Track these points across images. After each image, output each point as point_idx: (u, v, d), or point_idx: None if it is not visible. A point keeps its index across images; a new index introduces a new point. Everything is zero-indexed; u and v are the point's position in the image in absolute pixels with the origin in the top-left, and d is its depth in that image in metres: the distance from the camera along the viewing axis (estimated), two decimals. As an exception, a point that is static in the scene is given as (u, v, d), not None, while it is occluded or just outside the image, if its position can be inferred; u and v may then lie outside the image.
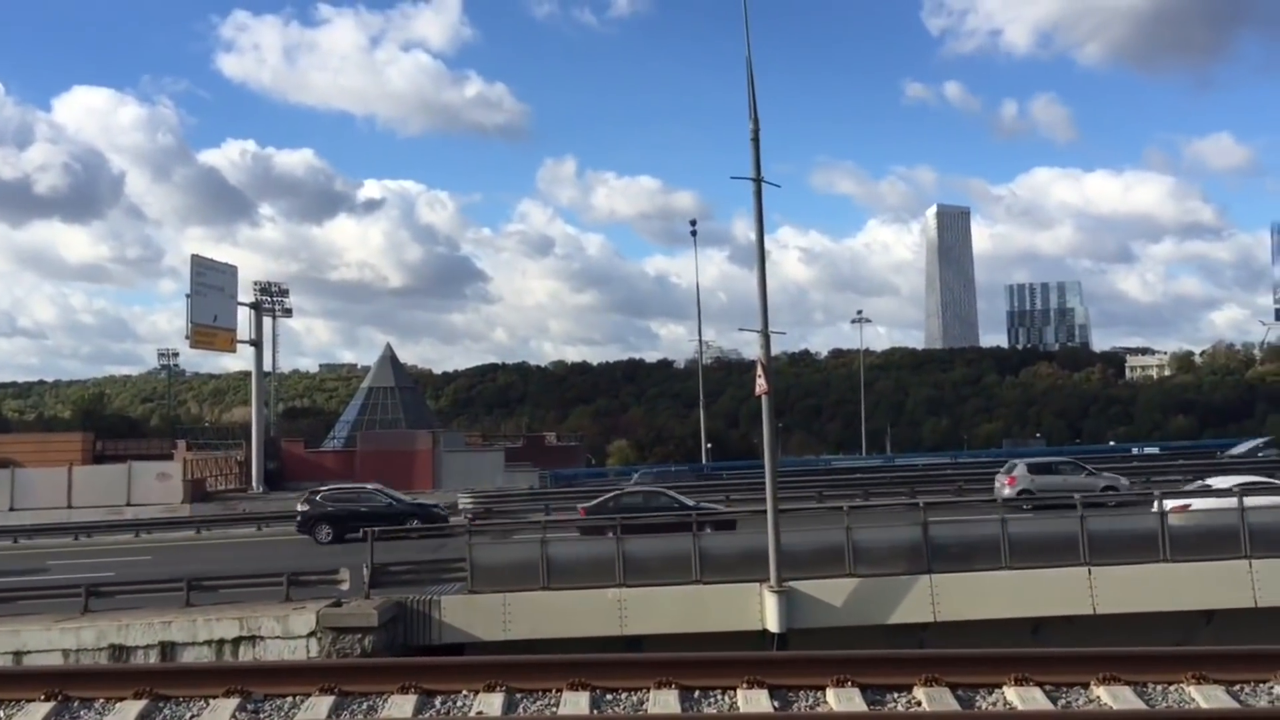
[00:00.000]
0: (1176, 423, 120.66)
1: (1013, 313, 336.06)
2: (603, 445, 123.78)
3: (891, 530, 25.91)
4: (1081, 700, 9.01)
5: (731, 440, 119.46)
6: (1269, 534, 23.65)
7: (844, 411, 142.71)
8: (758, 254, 25.03)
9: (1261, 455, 52.45)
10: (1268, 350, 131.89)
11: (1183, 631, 22.35)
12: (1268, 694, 9.18)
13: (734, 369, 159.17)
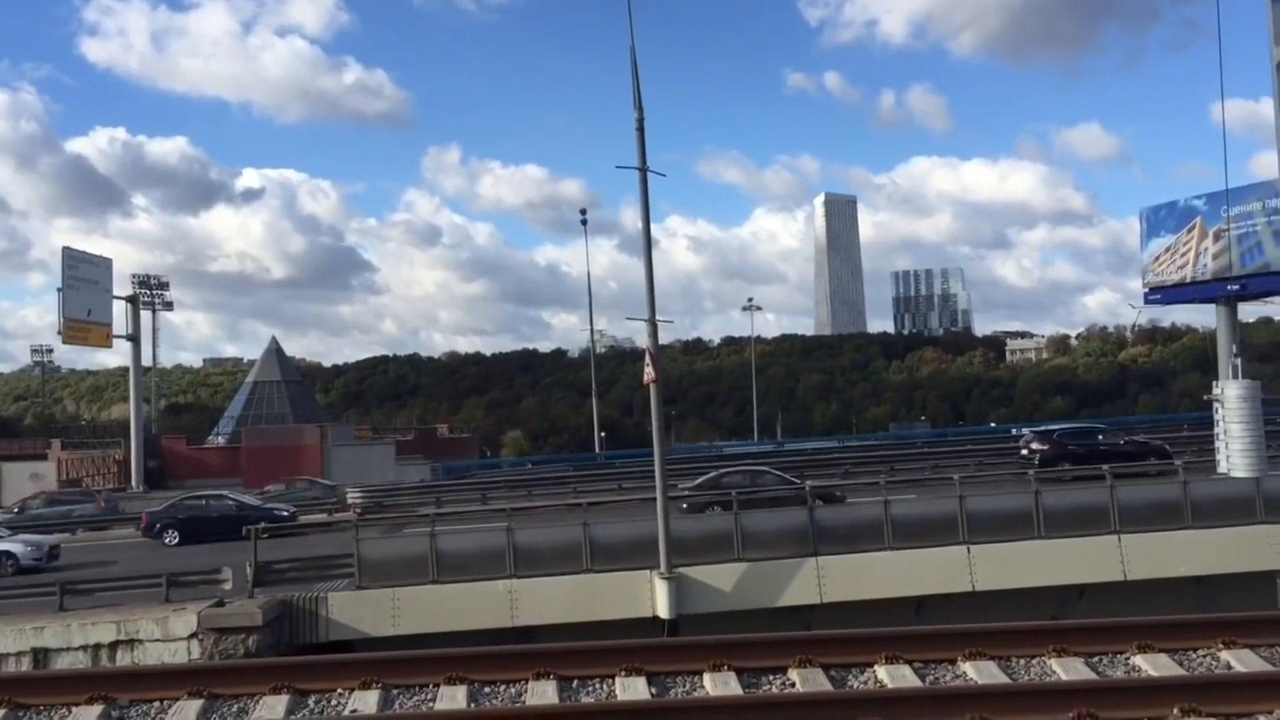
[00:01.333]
0: (1054, 403, 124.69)
1: (898, 299, 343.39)
2: (497, 436, 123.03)
3: (779, 514, 26.24)
4: (949, 676, 9.25)
5: (626, 428, 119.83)
6: (1135, 511, 24.57)
7: (736, 398, 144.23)
8: (644, 243, 25.09)
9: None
10: (1138, 332, 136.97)
11: (1057, 605, 23.12)
12: (1124, 665, 9.54)
13: (628, 357, 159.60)
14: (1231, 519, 24.23)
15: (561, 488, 40.88)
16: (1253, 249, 32.02)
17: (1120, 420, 65.62)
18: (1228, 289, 33.07)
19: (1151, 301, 38.61)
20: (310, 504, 42.37)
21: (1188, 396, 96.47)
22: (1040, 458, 34.03)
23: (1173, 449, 38.08)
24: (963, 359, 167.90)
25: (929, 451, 50.43)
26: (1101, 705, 7.79)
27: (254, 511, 35.75)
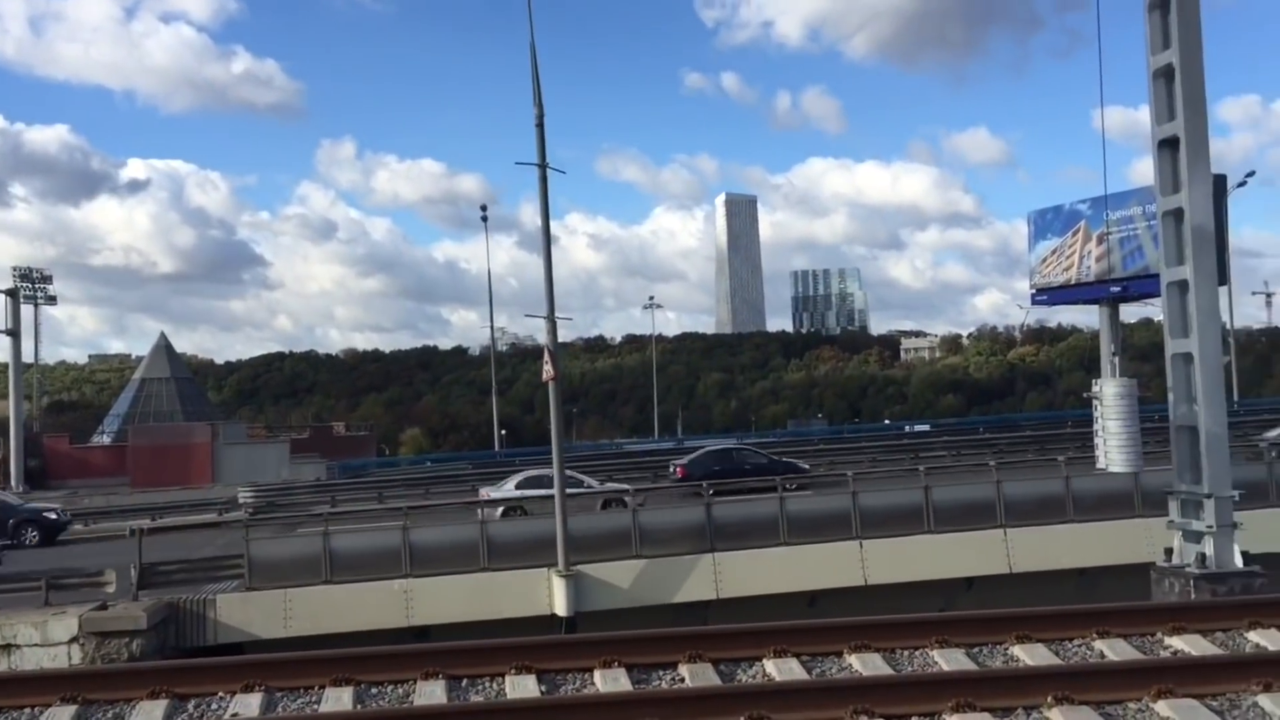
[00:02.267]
0: (946, 401, 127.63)
1: (797, 298, 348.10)
2: (396, 434, 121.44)
3: (676, 511, 26.44)
4: (834, 669, 9.41)
5: (527, 426, 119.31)
6: (1020, 506, 25.30)
7: (638, 396, 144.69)
8: (543, 240, 25.02)
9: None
10: (1026, 332, 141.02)
11: (946, 598, 23.67)
12: (1003, 655, 9.80)
13: (529, 355, 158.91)
14: (1111, 513, 25.09)
15: (460, 486, 40.50)
16: (1134, 252, 33.07)
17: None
18: (1110, 291, 34.14)
19: (1039, 302, 39.70)
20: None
21: (1073, 394, 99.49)
22: (682, 478, 34.46)
23: (1056, 445, 39.33)
24: (859, 358, 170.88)
25: (825, 448, 51.20)
26: (979, 694, 7.99)
27: (17, 513, 33.98)
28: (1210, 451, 15.33)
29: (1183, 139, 15.93)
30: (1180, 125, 15.96)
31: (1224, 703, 8.15)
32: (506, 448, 75.11)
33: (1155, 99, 16.53)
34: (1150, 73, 16.58)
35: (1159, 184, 16.65)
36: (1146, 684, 8.24)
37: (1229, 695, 8.25)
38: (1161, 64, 16.29)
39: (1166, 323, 16.51)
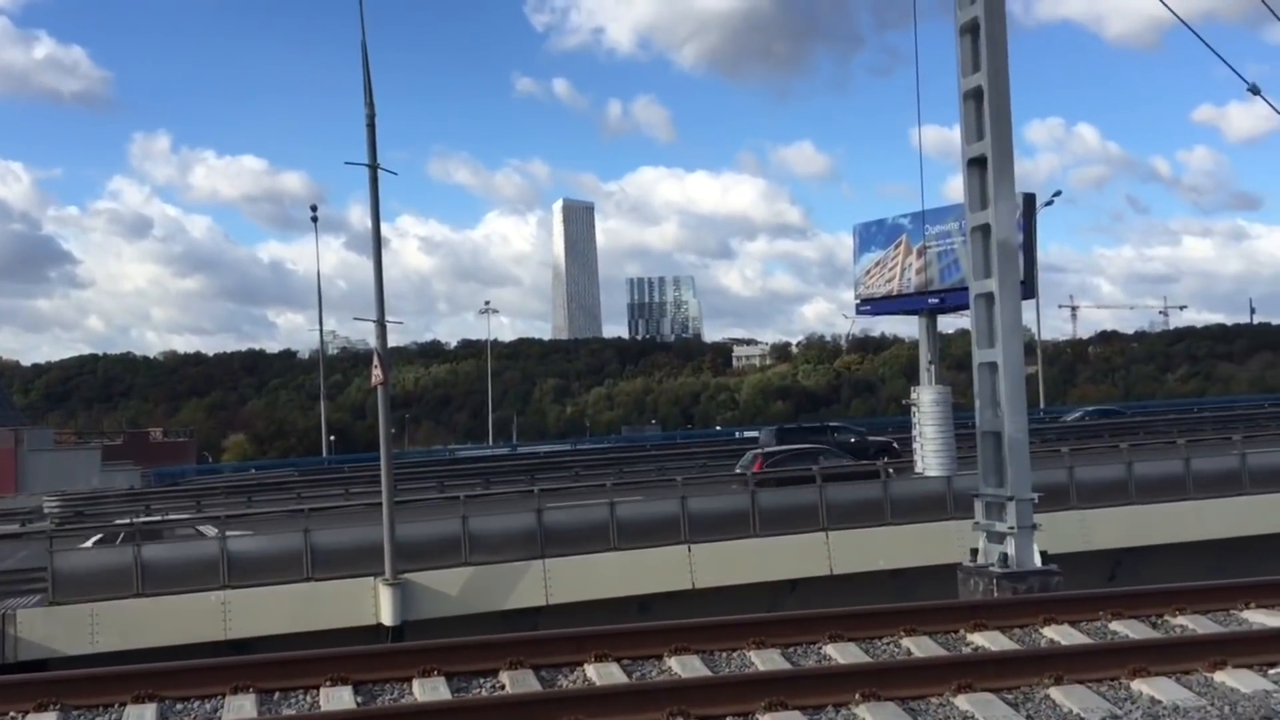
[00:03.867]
0: (776, 408, 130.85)
1: (633, 305, 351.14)
2: (219, 440, 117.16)
3: (507, 517, 26.31)
4: (655, 671, 9.53)
5: (358, 432, 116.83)
6: (841, 509, 26.11)
7: (472, 401, 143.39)
8: (374, 241, 24.56)
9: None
10: (851, 341, 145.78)
11: (771, 600, 24.24)
12: (817, 654, 10.11)
13: (360, 359, 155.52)
14: (926, 515, 26.13)
15: (285, 494, 39.34)
16: (950, 265, 34.38)
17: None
18: (928, 302, 35.49)
19: (863, 312, 40.99)
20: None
21: (894, 401, 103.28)
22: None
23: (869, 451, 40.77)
24: (693, 364, 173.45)
25: (657, 454, 51.77)
26: (791, 693, 8.21)
27: None
28: (1012, 456, 16.12)
29: (990, 158, 16.72)
30: (988, 145, 16.75)
31: (1019, 696, 8.57)
32: (336, 454, 73.33)
33: (965, 119, 17.31)
34: (961, 94, 17.36)
35: (968, 201, 17.44)
36: (948, 679, 8.61)
37: (1023, 689, 8.68)
38: (971, 86, 17.08)
39: (974, 333, 17.29)
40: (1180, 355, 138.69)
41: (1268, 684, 8.67)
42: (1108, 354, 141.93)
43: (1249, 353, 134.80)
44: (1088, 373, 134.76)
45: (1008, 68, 16.96)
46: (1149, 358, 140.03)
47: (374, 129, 23.94)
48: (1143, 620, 11.08)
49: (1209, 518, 26.81)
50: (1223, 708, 8.12)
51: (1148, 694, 8.51)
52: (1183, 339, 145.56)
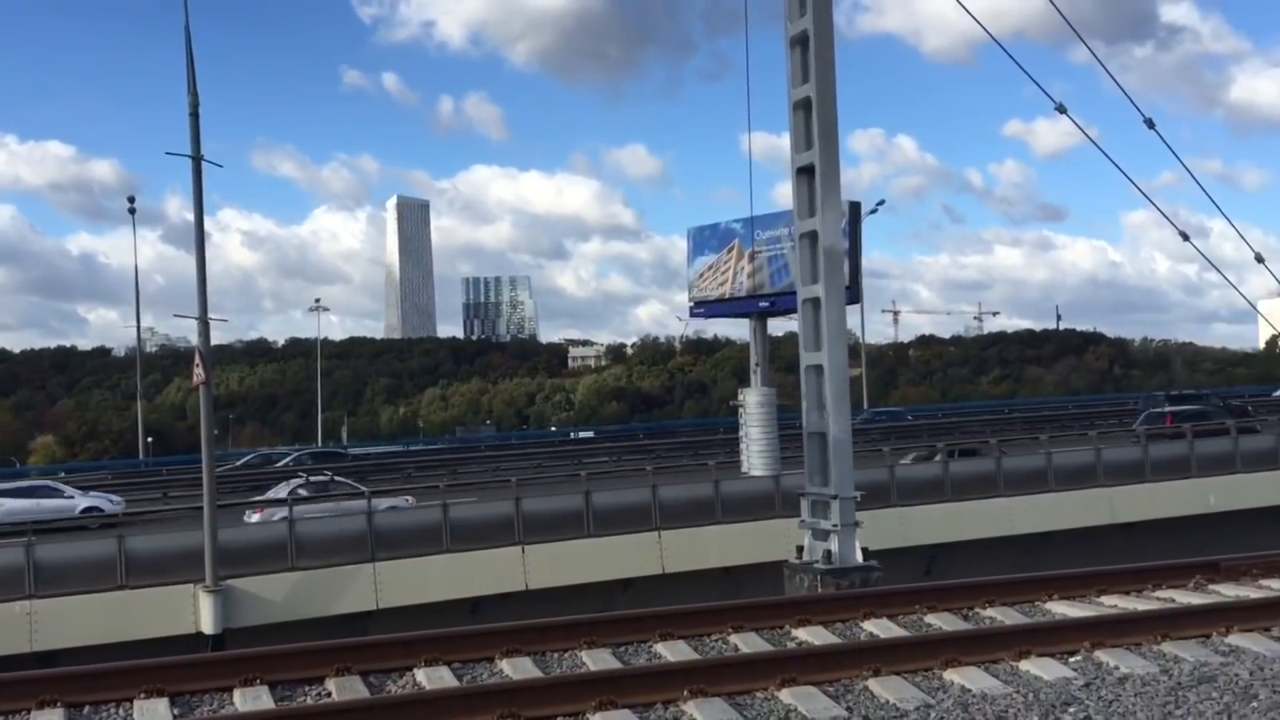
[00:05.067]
0: (610, 409, 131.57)
1: (468, 305, 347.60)
2: (25, 442, 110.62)
3: (336, 521, 25.79)
4: (486, 674, 9.49)
5: (179, 433, 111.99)
6: (674, 508, 26.50)
7: (301, 401, 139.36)
8: (196, 235, 23.78)
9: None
10: (685, 343, 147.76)
11: (604, 599, 24.40)
12: (647, 653, 10.24)
13: (181, 358, 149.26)
14: (755, 514, 26.74)
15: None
16: (780, 270, 35.18)
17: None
18: (759, 305, 36.27)
19: (696, 315, 41.60)
20: None
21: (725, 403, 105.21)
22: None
23: (709, 451, 41.51)
24: (528, 365, 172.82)
25: (492, 455, 51.58)
26: (621, 692, 8.29)
27: None
28: (836, 456, 16.66)
29: (818, 167, 17.24)
30: (816, 155, 17.27)
31: (839, 688, 8.87)
32: (155, 456, 70.26)
33: (794, 129, 17.81)
34: (790, 104, 17.85)
35: (797, 208, 17.94)
36: (773, 674, 8.84)
37: (844, 681, 8.98)
38: (800, 96, 17.58)
39: (801, 337, 17.80)
40: (993, 359, 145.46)
41: (1069, 671, 9.20)
42: (927, 357, 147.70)
43: (1055, 357, 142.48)
44: (908, 375, 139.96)
45: (835, 81, 17.51)
46: (964, 361, 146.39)
47: (198, 119, 23.18)
48: (955, 613, 11.60)
49: (1018, 514, 28.28)
50: (1027, 695, 8.57)
51: (959, 683, 8.92)
52: (995, 343, 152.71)
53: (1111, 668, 9.28)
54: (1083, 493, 29.32)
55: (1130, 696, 8.43)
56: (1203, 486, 30.36)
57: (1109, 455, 30.80)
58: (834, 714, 8.28)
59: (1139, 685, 8.71)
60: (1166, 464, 31.03)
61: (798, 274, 18.17)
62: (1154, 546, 25.31)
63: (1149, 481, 30.20)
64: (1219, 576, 12.86)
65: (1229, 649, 9.77)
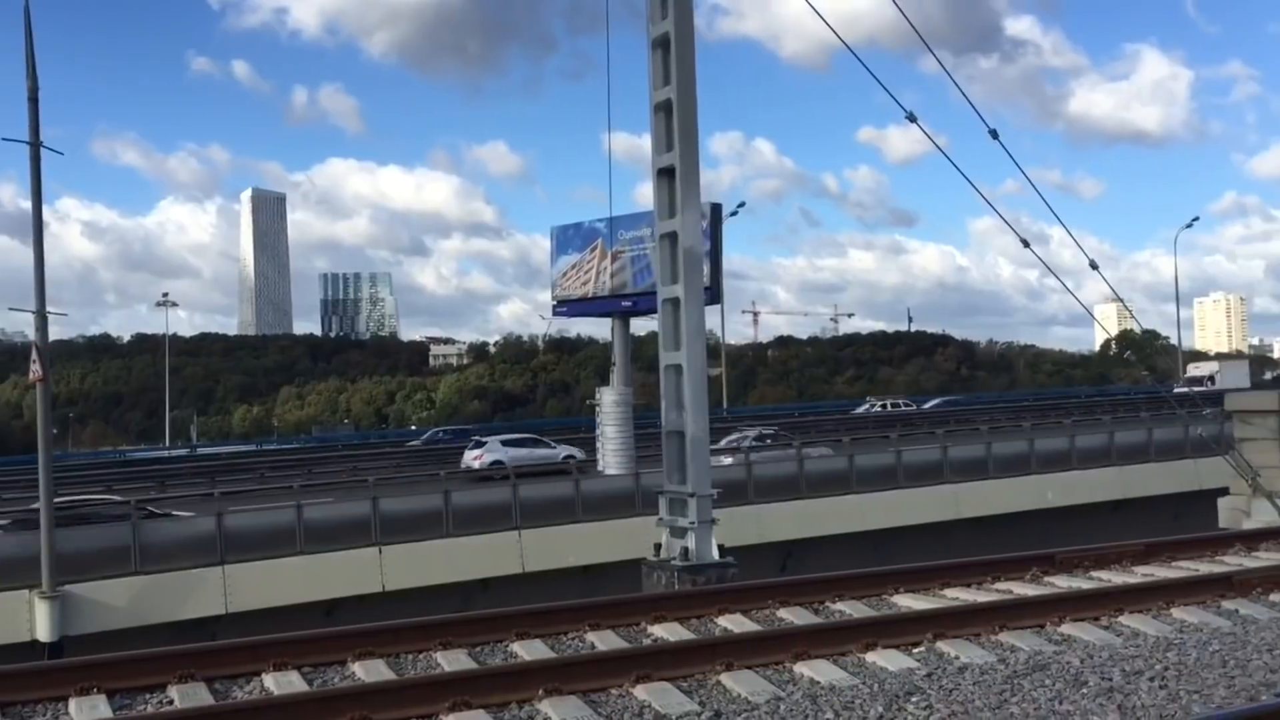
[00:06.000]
0: (472, 408, 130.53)
1: (326, 301, 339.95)
2: None
3: (183, 523, 25.03)
4: (338, 677, 9.33)
5: (14, 433, 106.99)
6: (534, 507, 26.47)
7: (148, 399, 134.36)
8: (34, 225, 22.68)
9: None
10: (548, 342, 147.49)
11: (462, 599, 24.20)
12: (503, 652, 10.21)
13: (18, 353, 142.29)
14: (615, 512, 26.89)
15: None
16: (643, 270, 35.42)
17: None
18: (622, 305, 36.47)
19: (559, 314, 41.62)
20: None
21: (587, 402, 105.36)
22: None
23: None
24: (388, 363, 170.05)
25: (350, 454, 50.64)
26: (475, 692, 8.25)
27: None
28: (694, 454, 16.87)
29: (678, 169, 17.42)
30: (677, 156, 17.44)
31: (693, 683, 8.99)
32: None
33: (655, 130, 17.96)
34: (652, 106, 17.99)
35: (657, 209, 18.09)
36: (628, 671, 8.91)
37: (697, 676, 9.11)
38: (661, 99, 17.73)
39: (661, 336, 17.97)
40: (848, 359, 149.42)
41: (912, 661, 9.52)
42: (785, 358, 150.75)
43: (906, 358, 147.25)
44: (767, 375, 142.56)
45: (695, 83, 17.73)
46: (820, 361, 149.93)
47: (37, 104, 22.14)
48: (806, 607, 11.88)
49: (869, 511, 29.12)
50: (873, 685, 8.84)
51: (808, 675, 9.15)
52: (850, 344, 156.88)
53: (952, 657, 9.63)
54: (930, 489, 30.36)
55: (969, 685, 8.77)
56: (1042, 483, 31.75)
57: (955, 453, 31.95)
58: (687, 709, 8.39)
59: (977, 674, 9.07)
60: (1009, 461, 32.37)
61: (658, 274, 18.32)
62: (996, 540, 26.33)
63: (992, 478, 31.46)
64: (1054, 568, 13.46)
65: (1062, 638, 10.24)
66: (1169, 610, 10.99)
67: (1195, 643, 9.87)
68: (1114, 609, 10.93)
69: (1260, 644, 9.73)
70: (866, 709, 8.25)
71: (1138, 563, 13.86)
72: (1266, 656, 9.32)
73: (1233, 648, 9.65)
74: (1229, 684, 8.60)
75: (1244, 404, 21.31)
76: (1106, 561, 13.79)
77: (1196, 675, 8.85)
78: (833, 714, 8.16)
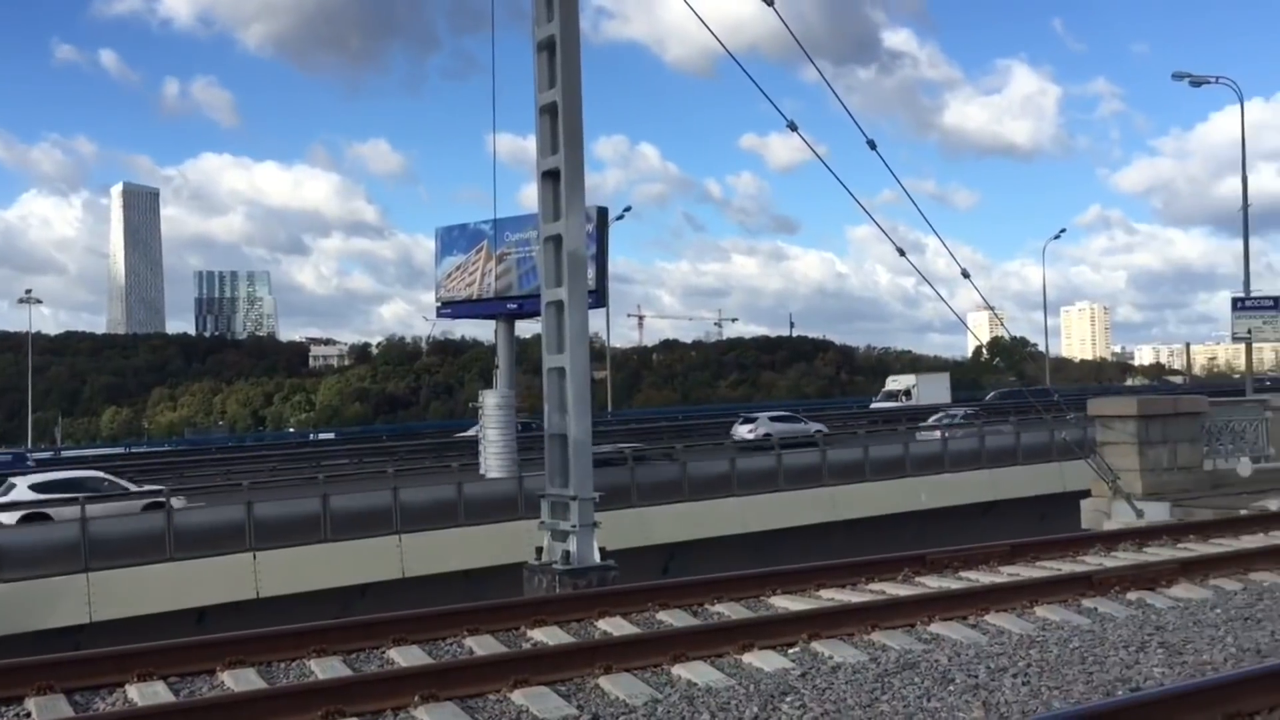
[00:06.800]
0: (353, 410, 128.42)
1: (201, 300, 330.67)
2: None
3: (43, 528, 24.13)
4: (206, 687, 9.07)
5: None
6: (415, 511, 26.17)
7: (9, 400, 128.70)
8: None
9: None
10: (432, 344, 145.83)
11: (341, 606, 23.77)
12: (380, 659, 10.06)
13: None
14: (498, 516, 26.76)
15: None
16: (529, 272, 35.30)
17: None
18: (507, 307, 36.32)
19: (444, 315, 41.28)
20: None
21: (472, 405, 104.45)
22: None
23: (453, 453, 41.26)
24: (266, 364, 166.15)
25: (224, 458, 49.43)
26: (349, 700, 8.09)
27: None
28: (576, 458, 16.89)
29: (563, 172, 17.44)
30: (562, 159, 17.45)
31: (571, 687, 8.98)
32: None
33: (540, 133, 17.94)
34: (537, 108, 17.97)
35: (542, 212, 18.08)
36: (506, 676, 8.84)
37: (576, 680, 9.10)
38: (547, 101, 17.73)
39: (544, 339, 17.95)
40: (731, 363, 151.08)
41: (787, 662, 9.66)
42: (669, 361, 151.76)
43: (788, 362, 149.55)
44: (652, 379, 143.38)
45: (581, 87, 17.76)
46: (704, 365, 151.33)
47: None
48: (686, 609, 11.96)
49: (750, 513, 29.53)
50: (749, 686, 8.94)
51: (686, 677, 9.22)
52: (733, 349, 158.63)
53: (826, 657, 9.81)
54: (809, 491, 30.92)
55: (842, 684, 8.94)
56: (916, 485, 32.61)
57: (833, 456, 32.60)
58: (565, 713, 8.38)
59: (850, 673, 9.25)
60: (885, 464, 33.15)
61: (543, 277, 18.28)
62: (873, 541, 26.94)
63: (869, 481, 32.19)
64: (925, 569, 13.81)
65: (931, 637, 10.51)
66: (1033, 609, 11.36)
67: (1057, 640, 10.22)
68: (981, 608, 11.25)
69: (1117, 640, 10.12)
70: (742, 709, 8.34)
71: (1004, 563, 14.29)
72: (1123, 653, 9.70)
73: (1091, 644, 10.02)
74: (1088, 679, 8.93)
75: (1105, 409, 22.19)
76: (975, 562, 14.19)
77: (1057, 671, 9.16)
78: (709, 715, 8.23)
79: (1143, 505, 19.32)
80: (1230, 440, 21.97)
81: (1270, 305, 40.21)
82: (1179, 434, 21.16)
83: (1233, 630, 10.37)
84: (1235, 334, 40.80)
